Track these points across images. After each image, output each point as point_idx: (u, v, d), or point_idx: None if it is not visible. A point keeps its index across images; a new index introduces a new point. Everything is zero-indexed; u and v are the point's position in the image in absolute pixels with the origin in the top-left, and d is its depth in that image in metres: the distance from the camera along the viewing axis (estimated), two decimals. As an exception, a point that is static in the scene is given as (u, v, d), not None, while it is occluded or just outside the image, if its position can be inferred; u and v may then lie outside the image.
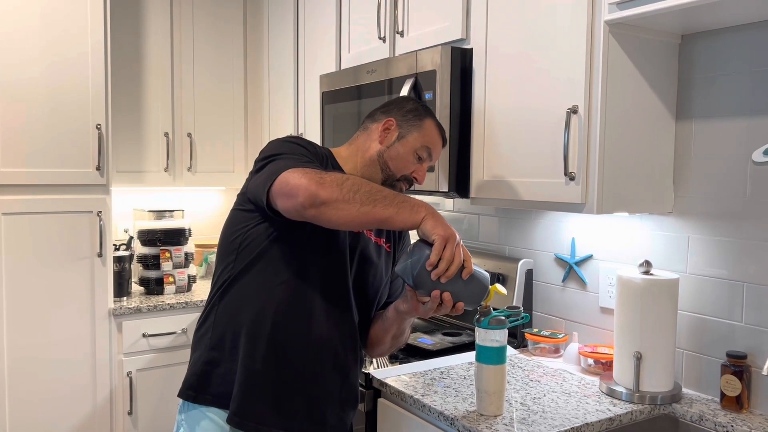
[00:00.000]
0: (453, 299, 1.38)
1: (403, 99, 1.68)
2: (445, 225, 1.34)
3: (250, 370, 1.47)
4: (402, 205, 1.34)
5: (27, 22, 2.58)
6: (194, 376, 1.53)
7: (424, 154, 1.59)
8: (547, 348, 2.09)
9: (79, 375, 2.73)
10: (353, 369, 1.59)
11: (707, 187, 1.74)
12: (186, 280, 3.09)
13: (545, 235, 2.22)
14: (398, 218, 1.33)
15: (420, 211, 1.34)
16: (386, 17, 2.33)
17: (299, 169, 1.36)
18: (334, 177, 1.34)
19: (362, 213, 1.32)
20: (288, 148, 1.49)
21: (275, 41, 3.15)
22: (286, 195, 1.35)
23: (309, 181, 1.31)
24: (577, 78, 1.65)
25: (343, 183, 1.32)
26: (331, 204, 1.31)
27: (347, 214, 1.32)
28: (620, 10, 1.56)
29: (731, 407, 1.64)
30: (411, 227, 1.36)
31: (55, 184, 2.66)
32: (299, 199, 1.32)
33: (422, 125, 1.59)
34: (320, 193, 1.30)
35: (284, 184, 1.35)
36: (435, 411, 1.63)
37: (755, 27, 1.63)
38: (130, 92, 3.09)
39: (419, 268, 1.34)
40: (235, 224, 1.53)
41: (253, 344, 1.47)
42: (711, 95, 1.73)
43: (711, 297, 1.75)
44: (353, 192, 1.31)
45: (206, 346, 1.53)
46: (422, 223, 1.34)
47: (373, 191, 1.33)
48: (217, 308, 1.53)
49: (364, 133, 1.64)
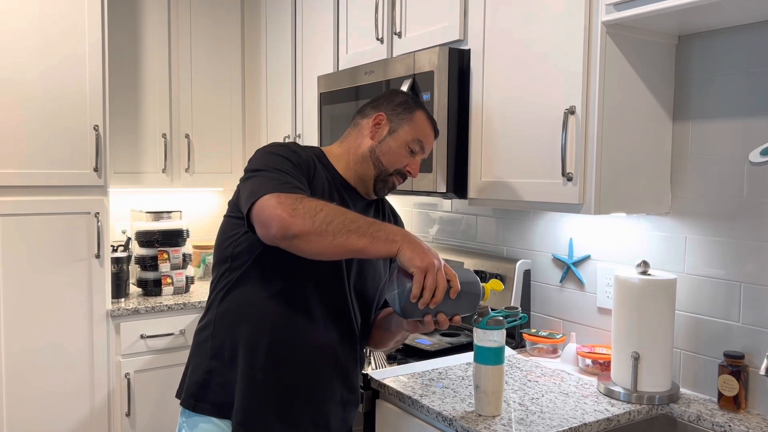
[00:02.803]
0: (448, 316, 1.38)
1: (393, 92, 1.65)
2: (422, 253, 1.31)
3: (252, 381, 1.46)
4: (376, 236, 1.31)
5: (24, 22, 2.57)
6: (195, 385, 1.52)
7: (417, 147, 1.58)
8: (545, 348, 2.09)
9: (77, 376, 2.73)
10: (353, 371, 1.60)
11: (704, 188, 1.75)
12: (184, 281, 3.09)
13: (543, 235, 2.22)
14: (372, 249, 1.32)
15: (395, 241, 1.32)
16: (384, 18, 2.33)
17: (276, 195, 1.33)
18: (308, 207, 1.31)
19: (335, 245, 1.31)
20: (273, 161, 1.45)
21: (273, 42, 3.16)
22: (261, 224, 1.34)
23: (282, 212, 1.30)
24: (575, 79, 1.65)
25: (316, 214, 1.30)
26: (304, 237, 1.30)
27: (319, 247, 1.31)
28: (617, 11, 1.57)
29: (729, 407, 1.65)
30: (387, 257, 1.34)
31: (52, 185, 2.66)
32: (272, 231, 1.32)
33: (413, 118, 1.57)
34: (292, 227, 1.29)
35: (260, 211, 1.33)
36: (433, 411, 1.64)
37: (751, 28, 1.63)
38: (127, 93, 3.09)
39: (405, 301, 1.33)
40: (227, 231, 1.52)
41: (252, 354, 1.47)
42: (708, 96, 1.74)
43: (708, 297, 1.75)
44: (326, 224, 1.29)
45: (206, 354, 1.52)
46: (399, 254, 1.32)
47: (346, 222, 1.31)
48: (216, 316, 1.52)
49: (354, 129, 1.62)
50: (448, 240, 2.64)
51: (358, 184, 1.60)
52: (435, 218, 2.71)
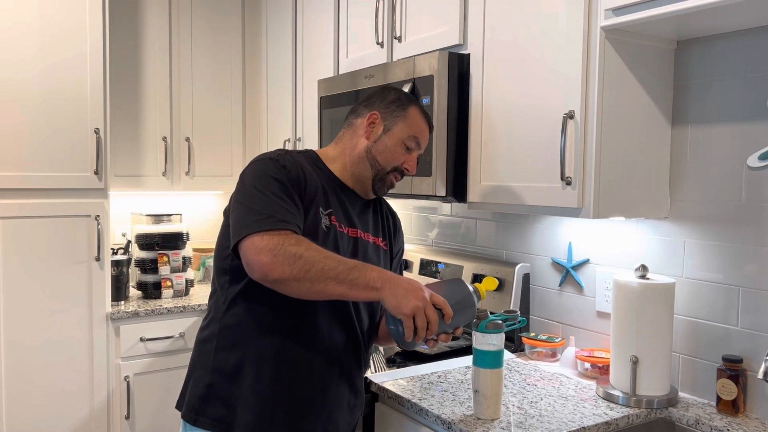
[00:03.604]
0: (449, 332, 1.42)
1: (385, 90, 1.64)
2: (405, 298, 1.32)
3: (261, 395, 1.46)
4: (356, 282, 1.33)
5: (25, 24, 2.58)
6: (196, 398, 1.51)
7: (412, 143, 1.58)
8: (544, 352, 2.10)
9: (77, 379, 2.73)
10: (358, 375, 1.61)
11: (703, 192, 1.75)
12: (183, 284, 3.09)
13: (542, 239, 2.23)
14: (352, 294, 1.35)
15: (376, 288, 1.33)
16: (384, 23, 2.34)
17: (259, 237, 1.34)
18: (289, 253, 1.32)
19: (314, 291, 1.34)
20: (262, 183, 1.43)
21: (273, 46, 3.16)
22: (245, 263, 1.37)
23: (263, 257, 1.32)
24: (574, 83, 1.66)
25: (295, 261, 1.32)
26: (283, 282, 1.34)
27: (299, 292, 1.36)
28: (616, 16, 1.57)
29: (727, 411, 1.65)
30: (370, 301, 1.37)
31: (53, 188, 2.66)
32: (254, 273, 1.36)
33: (407, 115, 1.57)
34: (272, 273, 1.33)
35: (244, 252, 1.36)
36: (432, 415, 1.64)
37: (749, 33, 1.64)
38: (128, 96, 3.10)
39: (402, 339, 1.36)
40: (225, 242, 1.50)
41: (260, 369, 1.46)
42: (706, 100, 1.74)
43: (707, 301, 1.76)
44: (305, 271, 1.31)
45: (208, 367, 1.50)
46: (383, 302, 1.34)
47: (325, 269, 1.32)
48: (220, 330, 1.51)
49: (349, 130, 1.61)
50: (447, 244, 2.64)
51: (355, 184, 1.60)
52: (434, 222, 2.71)
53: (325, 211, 1.51)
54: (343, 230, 1.54)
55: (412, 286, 1.34)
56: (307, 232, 1.45)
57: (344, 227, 1.55)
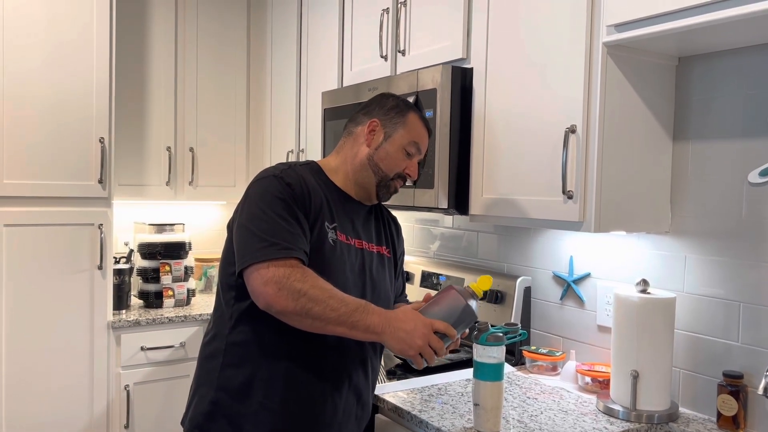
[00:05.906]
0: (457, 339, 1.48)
1: (383, 97, 1.64)
2: (407, 341, 1.37)
3: (272, 413, 1.46)
4: (356, 326, 1.37)
5: (32, 34, 2.61)
6: (200, 416, 1.50)
7: (413, 149, 1.59)
8: (545, 366, 2.10)
9: (77, 387, 2.73)
10: (366, 387, 1.61)
11: (704, 208, 1.76)
12: (185, 294, 3.09)
13: (544, 253, 2.23)
14: (352, 335, 1.39)
15: (377, 333, 1.38)
16: (388, 36, 2.36)
17: (265, 267, 1.36)
18: (293, 289, 1.34)
19: (316, 327, 1.38)
20: (266, 203, 1.43)
21: (278, 58, 3.19)
22: (252, 292, 1.40)
23: (268, 289, 1.35)
24: (576, 98, 1.67)
25: (299, 298, 1.34)
26: (286, 315, 1.37)
27: (301, 325, 1.39)
28: (618, 33, 1.59)
29: (727, 427, 1.65)
30: None
31: (57, 196, 2.68)
32: (260, 303, 1.39)
33: (406, 121, 1.58)
34: (275, 305, 1.36)
35: (249, 281, 1.39)
36: (432, 427, 1.64)
37: (750, 51, 1.65)
38: (133, 106, 3.12)
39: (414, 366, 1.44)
40: (230, 257, 1.48)
41: (270, 387, 1.46)
42: (707, 117, 1.75)
43: (707, 316, 1.76)
44: (307, 309, 1.35)
45: (214, 384, 1.50)
46: (386, 347, 1.40)
47: (327, 310, 1.35)
48: (227, 347, 1.50)
49: (349, 138, 1.62)
50: (449, 256, 2.65)
51: (359, 192, 1.60)
52: (436, 234, 2.72)
53: (331, 224, 1.51)
54: (350, 242, 1.55)
55: (413, 326, 1.38)
56: (314, 247, 1.45)
57: (350, 239, 1.56)
